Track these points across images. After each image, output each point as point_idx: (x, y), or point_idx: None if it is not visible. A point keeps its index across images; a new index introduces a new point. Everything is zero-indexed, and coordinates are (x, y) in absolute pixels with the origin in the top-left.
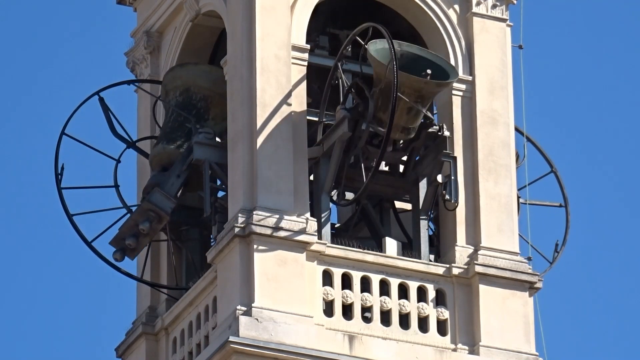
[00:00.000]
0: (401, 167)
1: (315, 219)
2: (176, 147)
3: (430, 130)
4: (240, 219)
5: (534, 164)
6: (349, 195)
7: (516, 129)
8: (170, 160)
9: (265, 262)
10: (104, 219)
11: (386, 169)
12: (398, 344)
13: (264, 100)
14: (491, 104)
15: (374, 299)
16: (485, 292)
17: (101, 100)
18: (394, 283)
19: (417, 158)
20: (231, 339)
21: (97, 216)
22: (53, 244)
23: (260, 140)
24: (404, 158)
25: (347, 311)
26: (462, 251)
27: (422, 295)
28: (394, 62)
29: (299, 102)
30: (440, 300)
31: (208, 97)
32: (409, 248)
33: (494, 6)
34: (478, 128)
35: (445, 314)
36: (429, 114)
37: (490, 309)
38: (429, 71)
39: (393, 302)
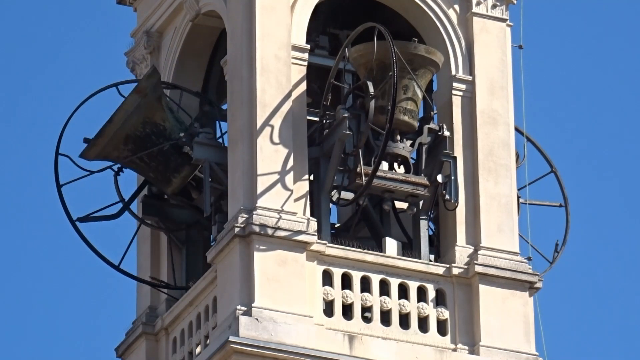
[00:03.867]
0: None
1: (315, 219)
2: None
3: (430, 126)
4: (240, 219)
5: (534, 164)
6: (349, 195)
7: (516, 129)
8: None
9: (265, 262)
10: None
11: (401, 170)
12: (398, 344)
13: (264, 100)
14: (491, 104)
15: (374, 299)
16: (485, 292)
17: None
18: (394, 283)
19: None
20: (231, 339)
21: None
22: (53, 243)
23: (260, 140)
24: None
25: (347, 311)
26: (462, 251)
27: (422, 295)
28: (394, 61)
29: (299, 102)
30: (440, 300)
31: None
32: (409, 248)
33: (494, 6)
34: (478, 128)
35: (445, 314)
36: (427, 97)
37: (490, 309)
38: (415, 39)
39: (393, 302)
